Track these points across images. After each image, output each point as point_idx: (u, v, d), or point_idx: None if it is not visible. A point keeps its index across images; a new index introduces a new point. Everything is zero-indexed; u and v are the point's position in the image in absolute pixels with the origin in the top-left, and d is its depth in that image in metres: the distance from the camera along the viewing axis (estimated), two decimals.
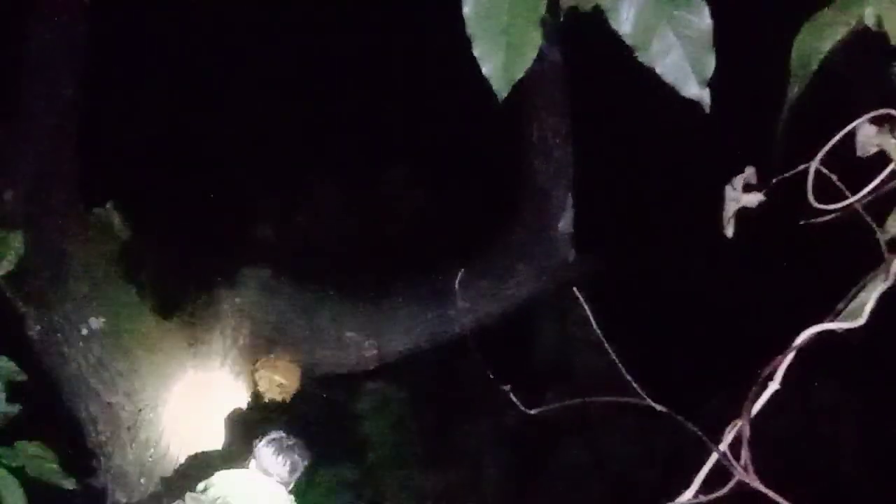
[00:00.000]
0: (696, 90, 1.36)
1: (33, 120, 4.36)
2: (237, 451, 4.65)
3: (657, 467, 5.51)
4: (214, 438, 4.59)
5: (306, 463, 3.99)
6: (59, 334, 4.32)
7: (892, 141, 1.46)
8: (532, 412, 1.33)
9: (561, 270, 5.47)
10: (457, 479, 5.93)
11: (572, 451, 5.86)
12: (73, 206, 4.46)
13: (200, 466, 4.40)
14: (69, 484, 2.78)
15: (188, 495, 3.97)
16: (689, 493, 1.14)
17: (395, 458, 5.99)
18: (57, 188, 4.38)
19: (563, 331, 6.00)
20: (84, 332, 4.34)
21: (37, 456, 2.73)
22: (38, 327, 4.32)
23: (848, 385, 5.41)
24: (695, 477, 1.25)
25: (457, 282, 4.79)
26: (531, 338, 6.11)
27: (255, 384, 4.85)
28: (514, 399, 1.34)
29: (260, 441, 3.94)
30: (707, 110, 1.38)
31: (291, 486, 3.96)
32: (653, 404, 1.21)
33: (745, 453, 1.10)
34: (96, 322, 4.37)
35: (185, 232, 5.12)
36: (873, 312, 1.40)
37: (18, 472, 2.75)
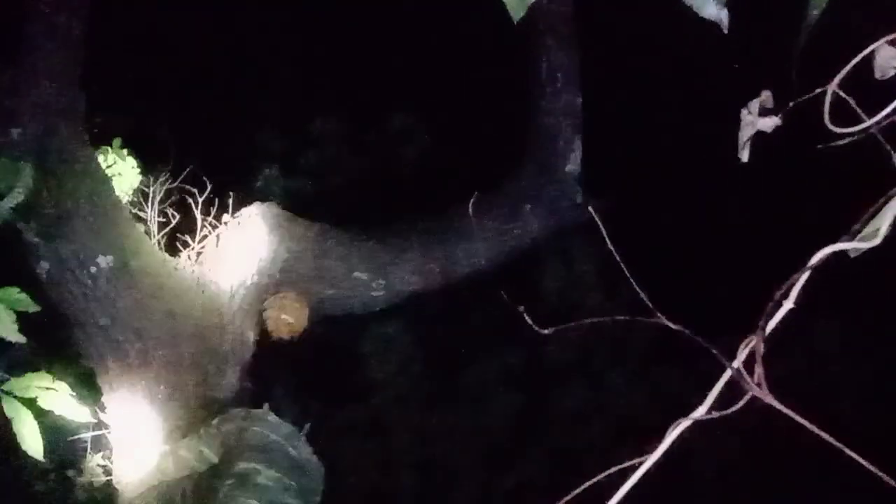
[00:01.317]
0: (714, 11, 1.35)
1: (39, 57, 4.31)
2: (246, 389, 4.68)
3: (662, 407, 5.55)
4: (224, 376, 4.62)
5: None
6: (67, 271, 4.33)
7: None
8: (546, 332, 1.33)
9: (569, 212, 5.46)
10: (463, 421, 5.97)
11: (578, 392, 5.89)
12: (80, 144, 4.44)
13: (211, 404, 4.43)
14: (83, 416, 2.78)
15: (203, 429, 4.01)
16: (702, 409, 1.15)
17: (402, 399, 6.03)
18: (64, 125, 4.34)
19: (570, 272, 6.00)
20: (92, 269, 4.34)
21: (49, 388, 2.73)
22: (47, 264, 4.32)
23: (861, 310, 5.37)
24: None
25: (471, 203, 4.76)
26: (539, 278, 6.11)
27: (263, 323, 4.88)
28: (528, 319, 1.35)
29: (274, 384, 3.96)
30: (725, 31, 1.37)
31: (305, 429, 3.99)
32: (668, 323, 1.21)
33: (758, 370, 1.11)
34: (104, 260, 4.37)
35: (192, 170, 5.11)
36: (888, 236, 1.40)
37: (30, 404, 2.75)
